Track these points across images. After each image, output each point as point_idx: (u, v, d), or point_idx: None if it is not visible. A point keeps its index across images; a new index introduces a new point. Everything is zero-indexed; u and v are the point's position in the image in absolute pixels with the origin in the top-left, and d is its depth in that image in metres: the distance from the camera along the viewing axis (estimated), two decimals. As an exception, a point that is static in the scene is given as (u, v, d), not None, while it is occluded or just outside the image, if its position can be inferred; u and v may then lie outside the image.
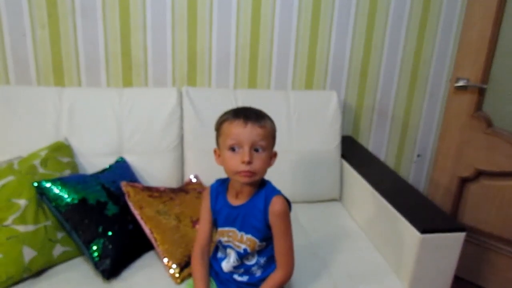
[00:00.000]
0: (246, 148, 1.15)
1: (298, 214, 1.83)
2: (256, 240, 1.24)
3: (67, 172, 1.56)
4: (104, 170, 1.63)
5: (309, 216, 1.83)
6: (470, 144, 2.09)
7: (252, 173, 1.16)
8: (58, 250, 1.40)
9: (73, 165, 1.63)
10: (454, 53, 2.24)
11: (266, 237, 1.24)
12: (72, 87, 1.89)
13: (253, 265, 1.27)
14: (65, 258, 1.43)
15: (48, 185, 1.40)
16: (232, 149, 1.17)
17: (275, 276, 1.25)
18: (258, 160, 1.17)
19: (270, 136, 1.21)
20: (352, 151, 2.09)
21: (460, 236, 1.45)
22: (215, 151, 1.26)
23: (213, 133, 1.81)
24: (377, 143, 2.37)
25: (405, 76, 2.27)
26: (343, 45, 2.14)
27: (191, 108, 1.83)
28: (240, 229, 1.25)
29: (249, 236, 1.24)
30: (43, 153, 1.55)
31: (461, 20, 2.18)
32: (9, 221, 1.33)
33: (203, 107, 1.84)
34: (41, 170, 1.49)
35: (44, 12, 1.80)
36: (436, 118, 2.38)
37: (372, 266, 1.56)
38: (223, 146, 1.20)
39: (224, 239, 1.28)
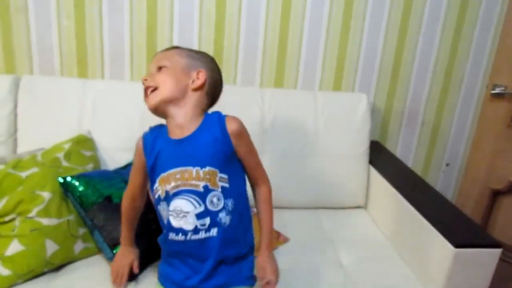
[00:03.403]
0: (149, 71, 1.15)
1: (322, 220, 1.78)
2: (217, 171, 1.07)
3: (89, 166, 1.54)
4: (127, 165, 1.59)
5: (334, 223, 1.77)
6: (504, 155, 2.00)
7: (152, 88, 1.12)
8: (79, 246, 1.38)
9: (95, 159, 1.61)
10: (491, 59, 2.15)
11: (226, 166, 1.09)
12: (96, 79, 1.86)
13: (220, 211, 1.07)
14: (85, 254, 1.40)
15: (73, 181, 1.38)
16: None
17: (265, 194, 1.18)
18: (159, 75, 1.12)
19: (176, 55, 1.15)
20: (379, 156, 2.01)
21: (496, 252, 1.36)
22: None
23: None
24: (405, 149, 2.29)
25: (438, 80, 2.18)
26: (375, 45, 2.06)
27: (216, 105, 1.77)
28: (193, 164, 1.06)
29: (207, 168, 1.06)
30: (66, 146, 1.53)
31: (500, 23, 2.09)
32: (33, 213, 1.31)
33: (228, 105, 1.78)
34: (64, 163, 1.47)
35: (71, 2, 1.77)
36: (469, 126, 2.28)
37: (399, 279, 1.49)
38: None
39: (170, 185, 1.07)
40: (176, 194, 1.07)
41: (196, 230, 1.06)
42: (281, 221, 1.72)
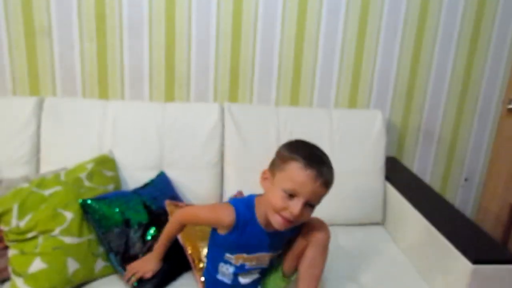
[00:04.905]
0: (301, 201, 1.10)
1: (338, 237, 1.77)
2: (281, 251, 1.30)
3: (110, 187, 1.57)
4: (146, 185, 1.63)
5: (351, 240, 1.77)
6: (523, 170, 1.98)
7: (291, 223, 1.13)
8: (99, 264, 1.41)
9: (117, 179, 1.65)
10: (506, 73, 2.15)
11: None
12: (117, 100, 1.91)
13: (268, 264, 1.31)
14: (105, 273, 1.43)
15: (93, 204, 1.41)
16: (289, 193, 1.10)
17: None
18: (305, 215, 1.13)
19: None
20: (396, 173, 2.01)
21: (515, 269, 1.35)
22: (264, 172, 1.21)
23: (253, 151, 1.81)
24: (422, 165, 2.28)
25: (454, 95, 2.18)
26: (389, 62, 2.08)
27: (232, 125, 1.81)
28: (273, 251, 1.27)
29: (279, 251, 1.29)
30: (89, 166, 1.57)
31: (515, 39, 2.09)
32: (56, 232, 1.35)
33: (245, 124, 1.82)
34: (86, 183, 1.51)
35: (93, 26, 1.83)
36: (486, 141, 2.27)
37: (418, 296, 1.48)
38: (279, 182, 1.13)
39: (251, 263, 1.25)
40: (251, 269, 1.27)
41: (254, 280, 1.30)
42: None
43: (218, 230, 1.22)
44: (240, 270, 1.26)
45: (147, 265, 1.35)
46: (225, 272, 1.27)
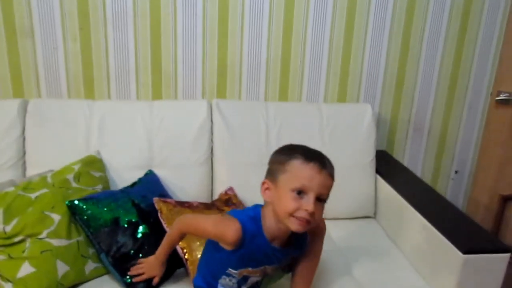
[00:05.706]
0: (312, 196, 1.07)
1: (331, 231, 1.77)
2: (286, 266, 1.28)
3: (99, 187, 1.55)
4: (134, 184, 1.61)
5: (343, 234, 1.76)
6: (513, 160, 1.99)
7: (309, 223, 1.09)
8: (90, 266, 1.39)
9: (105, 179, 1.63)
10: (494, 65, 2.15)
11: None
12: (103, 100, 1.89)
13: None
14: (96, 274, 1.41)
15: (80, 204, 1.39)
16: (298, 192, 1.08)
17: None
18: (319, 210, 1.10)
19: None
20: (387, 166, 2.01)
21: (504, 257, 1.36)
22: (264, 183, 1.17)
23: (243, 146, 1.80)
24: (413, 158, 2.28)
25: (443, 88, 2.18)
26: (378, 56, 2.08)
27: (221, 121, 1.80)
28: (279, 264, 1.23)
29: (284, 265, 1.26)
30: (76, 167, 1.55)
31: (502, 31, 2.09)
32: (43, 235, 1.32)
33: (234, 120, 1.81)
34: (74, 184, 1.49)
35: (76, 25, 1.81)
36: (476, 133, 2.27)
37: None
38: (284, 185, 1.10)
39: (256, 276, 1.22)
40: (252, 278, 1.22)
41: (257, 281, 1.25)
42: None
43: (221, 244, 1.16)
44: (243, 281, 1.22)
45: (152, 270, 1.34)
46: (228, 283, 1.22)
